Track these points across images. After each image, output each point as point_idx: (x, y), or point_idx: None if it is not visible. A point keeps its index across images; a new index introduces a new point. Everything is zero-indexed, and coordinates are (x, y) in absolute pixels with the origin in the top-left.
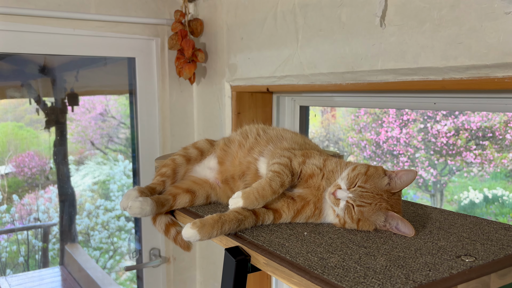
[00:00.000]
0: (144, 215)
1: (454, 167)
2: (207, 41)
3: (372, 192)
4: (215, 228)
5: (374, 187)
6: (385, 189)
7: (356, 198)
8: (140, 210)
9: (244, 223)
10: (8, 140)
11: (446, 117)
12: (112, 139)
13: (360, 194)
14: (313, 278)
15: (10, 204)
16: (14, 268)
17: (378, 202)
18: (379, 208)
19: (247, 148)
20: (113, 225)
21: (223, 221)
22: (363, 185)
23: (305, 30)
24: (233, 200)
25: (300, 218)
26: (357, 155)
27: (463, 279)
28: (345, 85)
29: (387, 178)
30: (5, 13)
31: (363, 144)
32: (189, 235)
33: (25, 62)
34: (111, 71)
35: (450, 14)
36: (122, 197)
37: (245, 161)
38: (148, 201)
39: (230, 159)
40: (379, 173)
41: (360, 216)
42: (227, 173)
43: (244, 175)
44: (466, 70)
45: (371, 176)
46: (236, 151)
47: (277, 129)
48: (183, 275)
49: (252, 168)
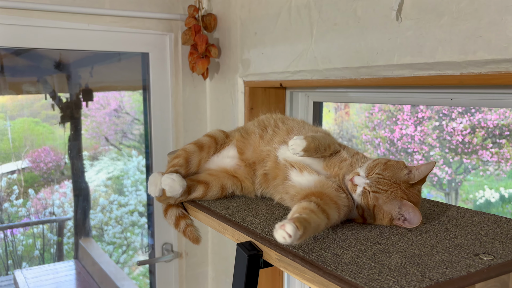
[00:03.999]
0: (175, 192)
1: (469, 166)
2: (221, 36)
3: (390, 180)
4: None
5: (392, 175)
6: (404, 179)
7: (372, 184)
8: (172, 182)
9: (320, 227)
10: (25, 136)
11: (462, 115)
12: (126, 135)
13: (377, 180)
14: (326, 275)
15: (26, 198)
16: (30, 261)
17: (394, 190)
18: (394, 196)
19: (267, 139)
20: (127, 220)
21: (312, 224)
22: (381, 172)
23: (320, 25)
24: (295, 141)
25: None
26: (371, 152)
27: (481, 278)
28: (360, 80)
29: (407, 170)
30: (21, 8)
31: (377, 142)
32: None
33: (41, 57)
34: (125, 67)
35: (469, 7)
36: (148, 186)
37: (265, 149)
38: (180, 176)
39: (251, 149)
40: (399, 165)
41: (375, 202)
42: (249, 160)
43: (264, 161)
44: (485, 64)
45: (390, 166)
46: (257, 141)
47: (296, 119)
48: (195, 271)
49: (272, 155)
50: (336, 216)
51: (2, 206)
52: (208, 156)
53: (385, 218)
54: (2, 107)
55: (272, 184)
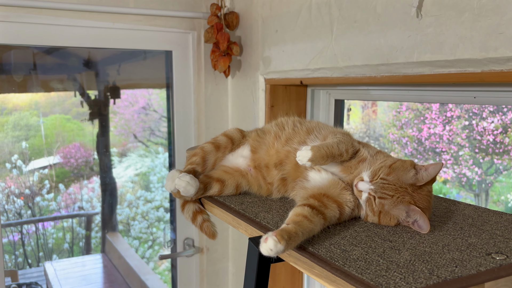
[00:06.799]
0: (188, 192)
1: (501, 166)
2: (242, 34)
3: (395, 184)
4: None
5: (397, 179)
6: (411, 182)
7: (377, 190)
8: (186, 184)
9: (314, 231)
10: (57, 132)
11: (493, 114)
12: (153, 132)
13: (381, 186)
14: (333, 270)
15: (57, 193)
16: (60, 254)
17: (400, 195)
18: (401, 201)
19: (284, 139)
20: (152, 216)
21: (301, 231)
22: (386, 177)
23: (340, 22)
24: (301, 152)
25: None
26: (398, 152)
27: (491, 277)
28: (379, 78)
29: (414, 171)
30: (50, 8)
31: (404, 141)
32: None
33: (70, 56)
34: (151, 65)
35: (490, 3)
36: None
37: (284, 150)
38: (194, 178)
39: (264, 148)
40: (405, 166)
41: (381, 208)
42: (260, 160)
43: (282, 163)
44: (506, 61)
45: (395, 169)
46: (272, 141)
47: (314, 121)
48: (216, 266)
49: (291, 157)
50: (337, 215)
51: (34, 200)
52: (224, 155)
53: (392, 222)
54: (36, 104)
55: (291, 185)
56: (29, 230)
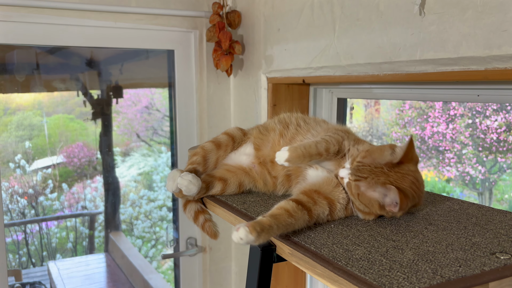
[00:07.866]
0: (190, 191)
1: (504, 165)
2: (244, 33)
3: (370, 165)
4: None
5: (373, 161)
6: (387, 160)
7: (353, 173)
8: (189, 183)
9: (294, 226)
10: (60, 132)
11: (496, 112)
12: (156, 132)
13: (356, 168)
14: (336, 269)
15: (60, 192)
16: (63, 253)
17: (375, 176)
18: (375, 182)
19: (288, 137)
20: (156, 215)
21: (276, 225)
22: (361, 160)
23: (342, 20)
24: (279, 153)
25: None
26: None
27: (496, 277)
28: (382, 76)
29: (390, 150)
30: (53, 7)
31: (407, 139)
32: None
33: (73, 56)
34: (153, 65)
35: (494, 1)
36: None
37: None
38: (197, 177)
39: (269, 146)
40: (383, 149)
41: (358, 190)
42: (264, 157)
43: None
44: (510, 59)
45: (372, 152)
46: (277, 139)
47: (317, 118)
48: (219, 265)
49: None
50: (326, 212)
51: (37, 200)
52: (226, 154)
53: (375, 206)
54: (39, 104)
55: (294, 182)
56: (32, 229)
